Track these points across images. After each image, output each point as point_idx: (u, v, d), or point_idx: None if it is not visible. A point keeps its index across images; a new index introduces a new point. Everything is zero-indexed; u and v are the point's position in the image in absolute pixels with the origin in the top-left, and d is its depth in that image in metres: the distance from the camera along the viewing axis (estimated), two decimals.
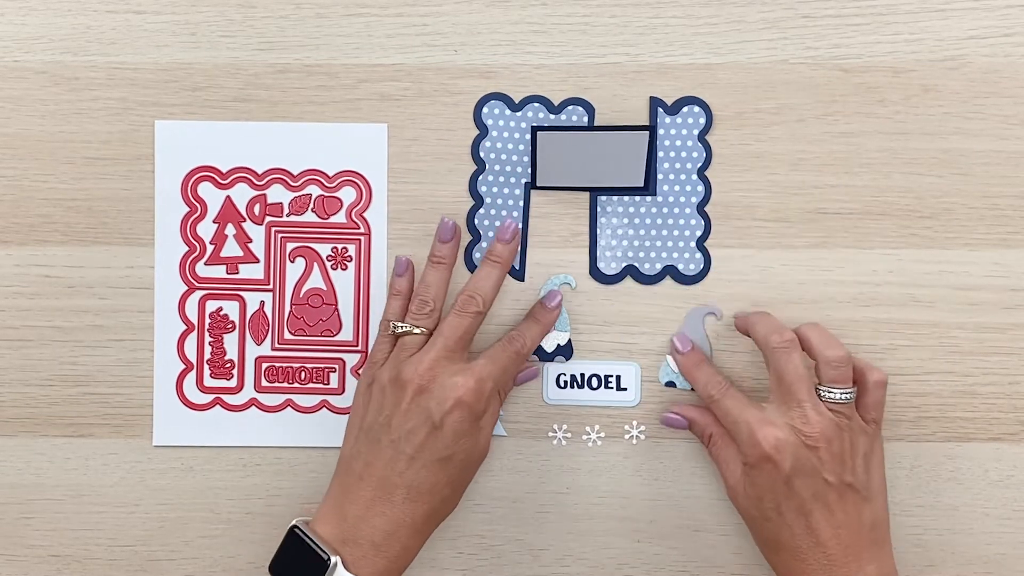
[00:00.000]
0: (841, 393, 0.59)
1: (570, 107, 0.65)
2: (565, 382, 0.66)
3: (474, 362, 0.60)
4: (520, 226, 0.64)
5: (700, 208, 0.65)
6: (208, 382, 0.66)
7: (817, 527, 0.58)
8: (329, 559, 0.57)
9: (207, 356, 0.66)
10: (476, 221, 0.66)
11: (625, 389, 0.66)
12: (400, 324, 0.62)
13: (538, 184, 0.65)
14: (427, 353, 0.60)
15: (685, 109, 0.65)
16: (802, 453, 0.58)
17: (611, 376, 0.66)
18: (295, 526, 0.59)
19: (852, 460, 0.59)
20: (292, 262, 0.66)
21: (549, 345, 0.65)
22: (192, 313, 0.66)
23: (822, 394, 0.59)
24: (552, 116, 0.65)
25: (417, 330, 0.61)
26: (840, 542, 0.58)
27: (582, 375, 0.66)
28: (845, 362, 0.59)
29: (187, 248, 0.66)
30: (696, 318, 0.65)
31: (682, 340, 0.64)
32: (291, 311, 0.66)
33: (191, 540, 0.66)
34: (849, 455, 0.59)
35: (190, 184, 0.65)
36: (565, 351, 0.66)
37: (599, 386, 0.66)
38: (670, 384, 0.65)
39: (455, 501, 0.61)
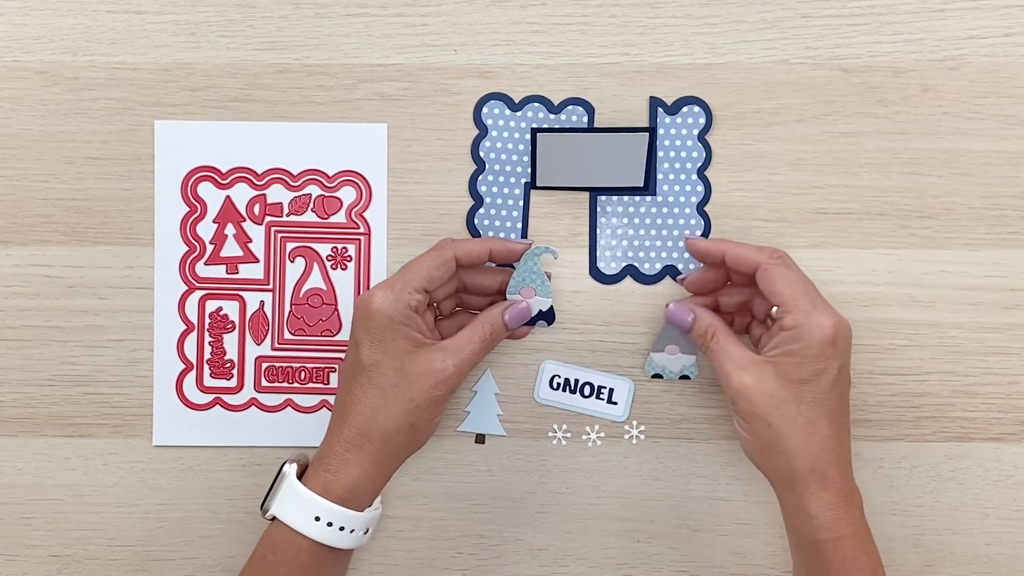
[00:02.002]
0: None
1: (570, 107, 0.65)
2: (558, 384, 0.66)
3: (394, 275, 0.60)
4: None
5: (700, 208, 0.65)
6: (208, 382, 0.66)
7: (848, 406, 0.59)
8: (283, 468, 0.60)
9: (207, 356, 0.66)
10: (476, 221, 0.66)
11: (615, 403, 0.66)
12: None
13: (538, 184, 0.65)
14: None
15: (685, 109, 0.65)
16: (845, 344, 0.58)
17: (604, 388, 0.66)
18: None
19: None
20: (292, 262, 0.66)
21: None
22: (192, 313, 0.66)
23: None
24: (552, 116, 0.65)
25: None
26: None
27: (576, 381, 0.66)
28: None
29: (187, 248, 0.66)
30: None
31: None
32: (291, 311, 0.66)
33: (191, 540, 0.66)
34: None
35: (190, 184, 0.66)
36: (547, 316, 0.65)
37: (591, 395, 0.66)
38: (656, 376, 0.65)
39: (400, 421, 0.59)
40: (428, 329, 0.61)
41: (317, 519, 0.58)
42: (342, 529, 0.58)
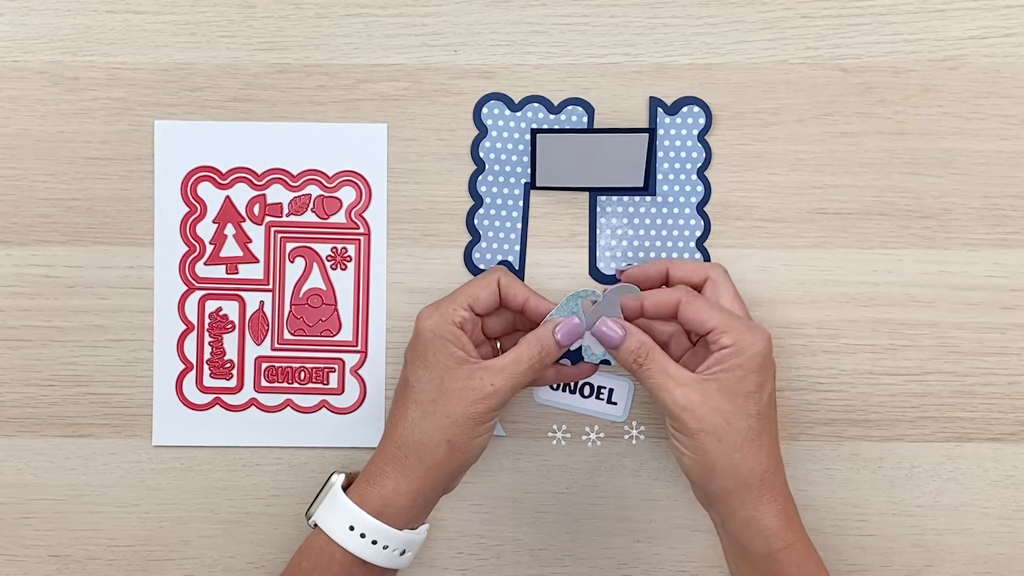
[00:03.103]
0: None
1: (570, 107, 0.65)
2: (558, 384, 0.66)
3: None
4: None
5: (700, 208, 0.65)
6: (208, 382, 0.66)
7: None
8: (331, 477, 0.61)
9: (207, 356, 0.66)
10: (476, 221, 0.66)
11: (615, 403, 0.66)
12: None
13: (538, 185, 0.65)
14: None
15: (685, 109, 0.65)
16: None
17: (604, 388, 0.66)
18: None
19: None
20: (292, 262, 0.66)
21: (599, 350, 0.62)
22: (192, 313, 0.66)
23: None
24: (552, 116, 0.65)
25: None
26: None
27: (576, 381, 0.66)
28: None
29: (187, 248, 0.66)
30: (613, 298, 0.61)
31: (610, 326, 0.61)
32: (291, 311, 0.66)
33: (191, 540, 0.66)
34: None
35: (190, 184, 0.66)
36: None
37: (590, 395, 0.66)
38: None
39: (436, 436, 0.58)
40: (475, 348, 0.60)
41: (352, 528, 0.58)
42: (375, 543, 0.58)
